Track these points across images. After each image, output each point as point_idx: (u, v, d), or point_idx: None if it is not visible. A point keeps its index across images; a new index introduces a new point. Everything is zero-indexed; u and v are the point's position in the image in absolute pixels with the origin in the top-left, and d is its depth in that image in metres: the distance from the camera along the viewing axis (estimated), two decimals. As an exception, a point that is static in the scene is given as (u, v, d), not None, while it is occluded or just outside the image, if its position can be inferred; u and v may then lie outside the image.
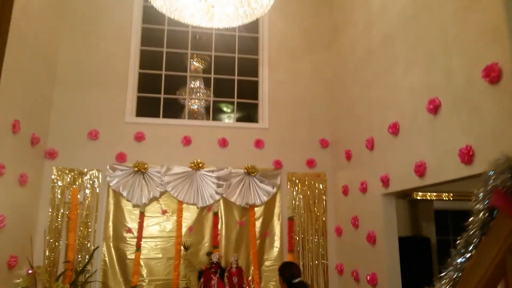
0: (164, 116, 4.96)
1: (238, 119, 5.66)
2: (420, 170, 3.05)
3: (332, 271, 4.51)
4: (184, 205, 4.58)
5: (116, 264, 4.32)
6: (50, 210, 4.27)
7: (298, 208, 4.74)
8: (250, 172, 4.71)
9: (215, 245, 4.52)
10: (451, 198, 4.25)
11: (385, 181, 3.53)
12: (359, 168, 4.12)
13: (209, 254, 4.42)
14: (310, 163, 4.89)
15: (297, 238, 4.65)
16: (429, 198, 4.22)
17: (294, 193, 4.79)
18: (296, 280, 3.08)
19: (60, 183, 4.37)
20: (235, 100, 5.22)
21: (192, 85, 5.97)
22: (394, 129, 3.44)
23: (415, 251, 3.80)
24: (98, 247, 4.28)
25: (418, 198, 4.25)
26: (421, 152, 3.05)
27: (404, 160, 3.28)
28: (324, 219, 4.70)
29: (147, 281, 4.32)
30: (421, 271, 3.75)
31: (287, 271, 3.18)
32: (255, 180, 4.73)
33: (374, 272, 3.64)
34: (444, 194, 4.25)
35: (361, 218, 3.98)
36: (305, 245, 4.62)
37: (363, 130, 4.02)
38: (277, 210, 4.73)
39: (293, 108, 5.03)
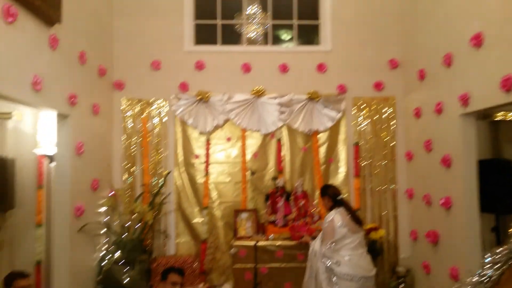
0: (222, 43, 4.86)
1: (299, 44, 5.40)
2: (508, 85, 2.72)
3: (402, 196, 4.42)
4: (248, 132, 4.61)
5: (187, 187, 4.56)
6: (123, 138, 4.52)
7: (365, 133, 4.57)
8: (312, 97, 4.56)
9: (279, 170, 4.57)
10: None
11: (465, 100, 3.23)
12: (434, 88, 3.80)
13: (274, 179, 4.50)
14: (378, 86, 4.61)
15: (364, 163, 4.54)
16: (513, 119, 3.84)
17: (360, 118, 4.60)
18: (340, 197, 3.46)
19: (130, 113, 4.56)
20: (295, 21, 4.93)
21: (249, 11, 5.72)
22: (477, 41, 3.06)
23: (494, 174, 3.54)
24: (170, 171, 4.52)
25: (500, 119, 3.88)
26: (510, 65, 2.70)
27: (488, 75, 2.94)
28: (392, 144, 4.50)
29: (217, 203, 4.54)
30: (500, 195, 3.52)
31: (331, 190, 3.56)
32: (318, 105, 4.59)
33: (448, 196, 3.49)
34: (531, 113, 3.84)
35: (435, 141, 3.75)
36: (372, 170, 4.51)
37: (439, 46, 3.64)
38: (342, 136, 4.61)
39: (358, 27, 4.66)
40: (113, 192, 4.23)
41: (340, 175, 4.57)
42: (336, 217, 3.34)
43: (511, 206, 3.60)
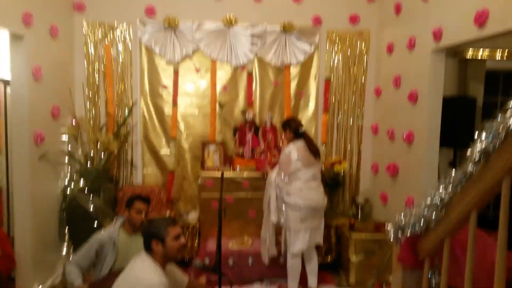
0: (193, -35, 4.51)
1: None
2: (481, 20, 2.69)
3: (367, 131, 4.51)
4: (218, 64, 4.46)
5: (155, 118, 4.46)
6: (85, 64, 4.27)
7: (337, 69, 4.52)
8: (286, 29, 4.41)
9: (249, 103, 4.52)
10: (505, 58, 3.89)
11: (438, 35, 3.20)
12: (409, 23, 3.74)
13: (243, 111, 4.45)
14: (353, 19, 4.49)
15: (333, 99, 4.55)
16: (481, 58, 3.87)
17: (333, 52, 4.52)
18: (301, 130, 3.50)
19: (92, 38, 4.27)
20: None
21: None
22: (456, -27, 2.97)
23: (458, 111, 3.64)
24: (136, 101, 4.38)
25: (469, 58, 3.91)
26: (485, -1, 2.67)
27: (463, 9, 2.90)
28: (363, 80, 4.50)
29: (184, 134, 4.49)
30: (460, 130, 3.66)
31: (292, 122, 3.57)
32: (292, 38, 4.45)
33: (411, 130, 3.59)
34: (498, 52, 3.88)
35: (405, 77, 3.77)
36: (341, 106, 4.54)
37: (418, -22, 3.52)
38: (314, 71, 4.54)
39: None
40: (76, 120, 4.07)
41: (309, 110, 4.58)
42: (293, 151, 3.42)
43: (468, 141, 3.75)
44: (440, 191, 1.30)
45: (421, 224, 1.37)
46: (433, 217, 1.32)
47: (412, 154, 3.61)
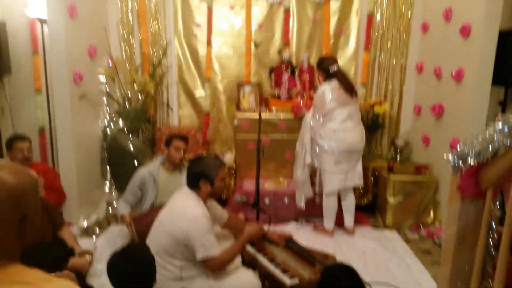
0: None
1: None
2: None
3: (411, 70, 4.26)
4: (253, 0, 4.24)
5: (189, 58, 4.38)
6: (119, 2, 4.16)
7: (381, 2, 4.20)
8: (326, -40, 4.09)
9: (285, 42, 4.34)
10: None
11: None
12: None
13: (279, 51, 4.28)
14: None
15: (376, 36, 4.28)
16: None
17: (378, -15, 4.18)
18: (332, 69, 3.33)
19: (124, -26, 4.14)
20: None
21: None
22: None
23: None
24: (170, 42, 4.29)
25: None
26: None
27: None
28: (409, 14, 4.17)
29: (220, 76, 4.41)
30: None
31: (324, 62, 3.41)
32: (333, -32, 4.14)
33: (461, 67, 3.36)
34: None
35: (457, 8, 3.47)
36: (383, 44, 4.27)
37: None
38: (356, 5, 4.26)
39: None
40: (112, 61, 4.06)
41: (349, 49, 4.35)
42: (327, 91, 3.30)
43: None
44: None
45: (488, 151, 1.28)
46: (504, 143, 1.22)
47: (461, 93, 3.40)
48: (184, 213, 2.24)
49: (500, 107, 3.72)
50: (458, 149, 1.43)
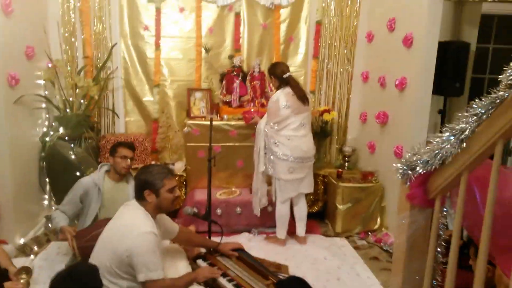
0: None
1: None
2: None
3: (357, 79, 4.39)
4: (203, 3, 4.17)
5: (136, 62, 4.21)
6: (60, 0, 3.91)
7: (328, 11, 4.29)
8: (276, -34, 4.12)
9: (236, 48, 4.30)
10: (500, -1, 3.77)
11: (437, -26, 3.05)
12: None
13: (230, 57, 4.25)
14: (346, -44, 4.23)
15: (324, 44, 4.37)
16: None
17: (326, -8, 4.27)
18: (286, 75, 3.33)
19: (64, -29, 3.89)
20: None
21: None
22: None
23: (451, 57, 3.57)
24: (116, 43, 4.09)
25: None
26: None
27: None
28: (355, 23, 4.30)
29: (169, 80, 4.28)
30: (451, 77, 3.61)
31: (278, 68, 3.40)
32: (282, -26, 4.18)
33: (404, 77, 3.51)
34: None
35: (399, 20, 3.63)
36: (331, 52, 4.38)
37: None
38: (304, 13, 4.31)
39: None
40: (52, 63, 3.79)
41: (299, 56, 4.41)
42: (282, 98, 3.31)
43: (460, 90, 3.73)
44: (461, 123, 1.22)
45: (436, 160, 1.31)
46: (451, 152, 1.26)
47: (404, 102, 3.55)
48: (129, 229, 2.11)
49: (439, 115, 3.95)
50: (407, 158, 1.46)
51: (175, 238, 2.67)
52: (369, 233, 3.78)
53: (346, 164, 4.30)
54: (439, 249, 1.40)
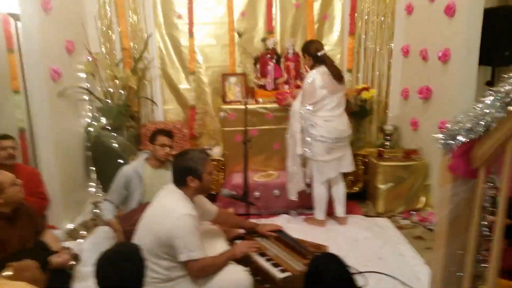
0: None
1: None
2: None
3: (397, 54, 4.19)
4: (235, -13, 4.15)
5: (172, 51, 4.27)
6: (96, -5, 4.03)
7: (364, -15, 4.11)
8: None
9: (269, 30, 4.25)
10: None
11: None
12: None
13: (264, 40, 4.19)
14: None
15: (360, 20, 4.20)
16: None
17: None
18: (321, 53, 3.24)
19: (99, -35, 4.00)
20: None
21: None
22: None
23: (499, 24, 3.30)
24: (151, 34, 4.16)
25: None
26: None
27: None
28: (393, -4, 4.10)
29: (204, 67, 4.31)
30: (499, 46, 3.34)
31: (312, 46, 3.31)
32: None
33: (447, 48, 3.30)
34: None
35: (441, -12, 3.41)
36: (368, 27, 4.19)
37: None
38: (339, -12, 4.17)
39: None
40: (92, 56, 3.93)
41: (334, 34, 4.27)
42: (317, 78, 3.21)
43: (509, 58, 3.45)
44: (507, 85, 1.11)
45: (480, 127, 1.22)
46: (497, 117, 1.16)
47: (448, 75, 3.36)
48: (169, 212, 2.15)
49: (488, 87, 3.69)
50: (449, 127, 1.37)
51: (213, 219, 2.70)
52: (412, 212, 3.64)
53: (388, 143, 4.15)
54: (485, 224, 1.30)
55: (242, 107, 3.50)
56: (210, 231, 2.77)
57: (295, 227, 3.41)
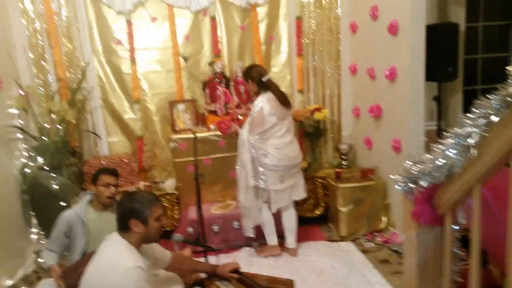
0: None
1: None
2: None
3: (345, 73, 4.19)
4: (175, 10, 3.96)
5: (113, 79, 4.00)
6: (24, 23, 3.68)
7: (307, 5, 4.08)
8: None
9: (216, 53, 4.10)
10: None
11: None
12: None
13: (211, 64, 4.03)
14: None
15: (307, 40, 4.17)
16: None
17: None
18: (265, 78, 3.13)
19: (26, -10, 3.67)
20: None
21: None
22: None
23: (441, 40, 3.39)
24: (89, 62, 3.89)
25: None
26: None
27: None
28: (337, 15, 4.10)
29: (149, 95, 4.07)
30: (443, 62, 3.43)
31: (254, 71, 3.19)
32: (256, -29, 3.98)
33: (393, 66, 3.32)
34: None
35: (382, 6, 3.44)
36: (315, 47, 4.17)
37: None
38: (283, 9, 4.11)
39: None
40: (23, 90, 3.58)
41: (282, 55, 4.21)
42: (265, 106, 3.08)
43: (453, 74, 3.55)
44: (466, 127, 1.03)
45: (441, 172, 1.13)
46: (458, 162, 1.07)
47: (396, 92, 3.37)
48: (112, 267, 1.91)
49: (435, 102, 3.77)
50: (406, 168, 1.28)
51: (168, 266, 2.48)
52: (375, 233, 3.60)
53: (345, 162, 4.12)
54: (455, 269, 1.21)
55: (192, 135, 3.30)
56: (165, 279, 2.54)
57: (258, 260, 3.26)
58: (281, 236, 3.38)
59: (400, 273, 2.97)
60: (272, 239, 3.33)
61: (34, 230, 3.65)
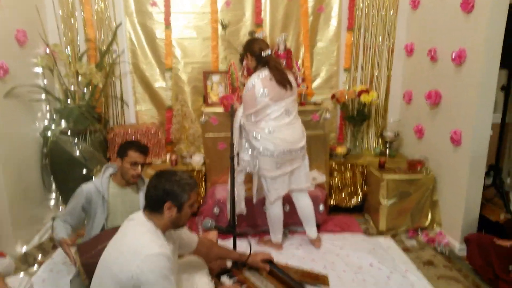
0: None
1: None
2: None
3: (399, 52, 3.78)
4: (218, -28, 3.63)
5: (145, 43, 3.72)
6: (53, -24, 3.43)
7: (364, -26, 3.68)
8: None
9: (258, 23, 3.75)
10: None
11: None
12: None
13: (251, 33, 3.69)
14: None
15: (360, 13, 3.76)
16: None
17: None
18: (265, 53, 2.80)
19: None
20: None
21: None
22: None
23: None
24: (120, 23, 3.62)
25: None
26: None
27: None
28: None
29: (182, 63, 3.78)
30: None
31: (254, 45, 2.86)
32: None
33: (462, 48, 2.89)
34: None
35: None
36: (368, 22, 3.76)
37: None
38: (336, -22, 3.71)
39: None
40: (49, 48, 3.34)
41: (330, 29, 3.81)
42: (258, 84, 2.73)
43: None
44: None
45: None
46: None
47: (462, 78, 2.95)
48: (134, 252, 1.66)
49: (502, 92, 3.34)
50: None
51: (194, 251, 2.23)
52: (419, 231, 3.25)
53: (388, 151, 3.75)
54: None
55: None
56: (190, 263, 2.30)
57: (290, 248, 3.02)
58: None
59: (446, 277, 2.67)
60: (277, 236, 3.06)
61: (52, 196, 3.47)
